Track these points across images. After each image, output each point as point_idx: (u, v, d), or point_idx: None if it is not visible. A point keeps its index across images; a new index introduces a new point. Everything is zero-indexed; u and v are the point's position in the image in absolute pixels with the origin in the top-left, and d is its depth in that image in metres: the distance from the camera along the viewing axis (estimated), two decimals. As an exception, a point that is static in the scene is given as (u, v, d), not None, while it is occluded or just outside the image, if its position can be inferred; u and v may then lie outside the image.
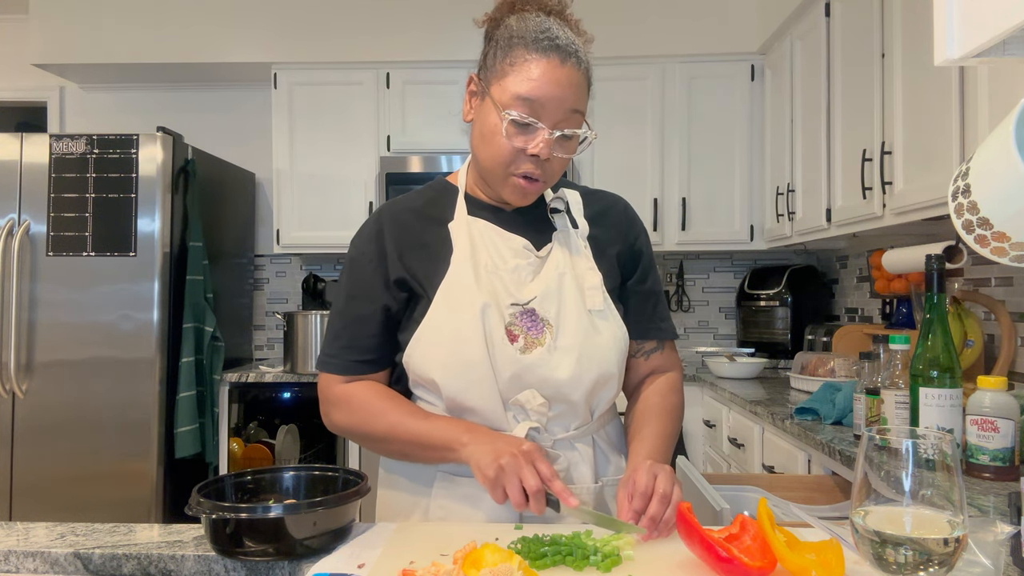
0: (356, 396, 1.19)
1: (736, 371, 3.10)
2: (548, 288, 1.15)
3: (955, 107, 1.85)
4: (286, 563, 0.94)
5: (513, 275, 1.16)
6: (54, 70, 3.76)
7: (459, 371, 1.12)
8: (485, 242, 1.18)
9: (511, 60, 1.11)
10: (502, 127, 1.10)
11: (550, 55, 1.09)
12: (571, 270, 1.18)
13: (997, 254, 0.84)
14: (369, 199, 3.58)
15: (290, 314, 3.36)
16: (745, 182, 3.53)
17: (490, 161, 1.14)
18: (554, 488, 1.00)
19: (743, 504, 1.50)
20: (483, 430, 1.10)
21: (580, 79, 1.11)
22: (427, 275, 1.17)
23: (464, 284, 1.14)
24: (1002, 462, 1.42)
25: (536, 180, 1.13)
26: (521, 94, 1.08)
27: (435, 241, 1.19)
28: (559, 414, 1.15)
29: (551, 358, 1.13)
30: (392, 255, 1.19)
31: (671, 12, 3.52)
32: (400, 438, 1.14)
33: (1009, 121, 0.79)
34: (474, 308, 1.12)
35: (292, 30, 3.59)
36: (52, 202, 3.02)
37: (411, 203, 1.25)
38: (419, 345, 1.15)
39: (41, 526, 1.07)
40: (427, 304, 1.16)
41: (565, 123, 1.11)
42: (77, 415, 2.99)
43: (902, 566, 0.69)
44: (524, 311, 1.14)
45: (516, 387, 1.13)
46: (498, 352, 1.11)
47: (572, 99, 1.10)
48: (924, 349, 1.47)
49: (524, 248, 1.18)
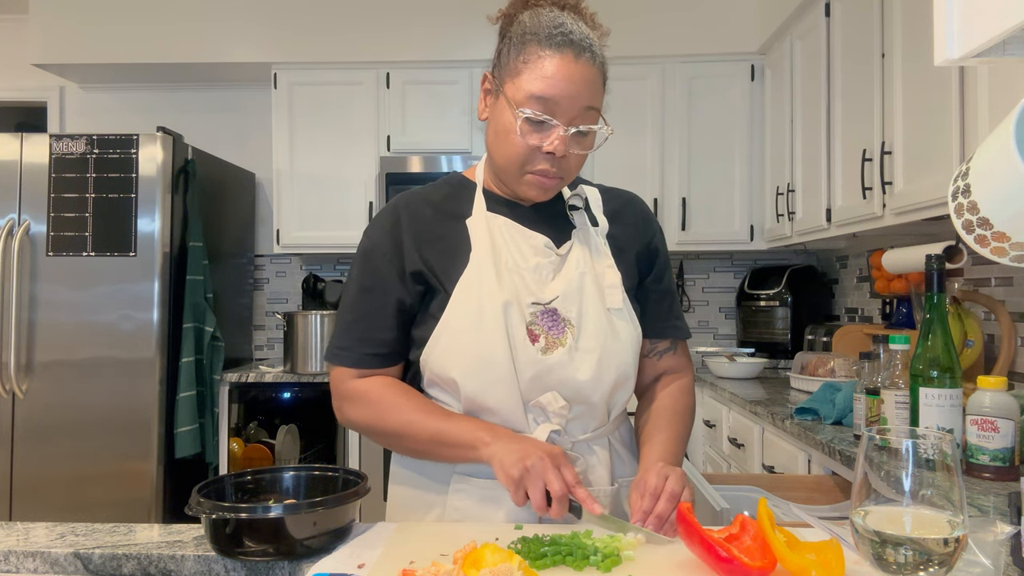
0: (371, 391, 1.16)
1: (736, 371, 3.10)
2: (569, 287, 1.14)
3: (955, 107, 1.85)
4: (286, 563, 0.94)
5: (534, 274, 1.14)
6: (54, 70, 3.76)
7: (480, 371, 1.10)
8: (505, 239, 1.16)
9: (524, 57, 1.09)
10: (516, 125, 1.09)
11: (564, 51, 1.07)
12: (591, 269, 1.16)
13: (997, 254, 0.84)
14: (369, 199, 3.58)
15: (290, 314, 3.36)
16: (745, 182, 3.53)
17: (505, 159, 1.13)
18: (578, 494, 0.99)
19: (743, 504, 1.50)
20: (505, 431, 1.09)
21: (595, 75, 1.10)
22: (444, 269, 1.15)
23: (485, 281, 1.12)
24: (1002, 462, 1.42)
25: (553, 177, 1.12)
26: (535, 92, 1.07)
27: (453, 236, 1.17)
28: (578, 416, 1.14)
29: (572, 359, 1.12)
30: (409, 247, 1.16)
31: (671, 12, 3.52)
32: (417, 435, 1.12)
33: (1009, 121, 0.79)
34: (495, 306, 1.10)
35: (292, 30, 3.59)
36: (52, 202, 3.02)
37: (428, 196, 1.22)
38: (439, 343, 1.13)
39: (41, 526, 1.07)
40: (444, 299, 1.14)
41: (580, 119, 1.09)
42: (77, 415, 2.99)
43: (902, 566, 0.69)
44: (545, 311, 1.13)
45: (536, 388, 1.11)
46: (519, 352, 1.10)
47: (587, 95, 1.09)
48: (924, 349, 1.47)
49: (545, 246, 1.16)
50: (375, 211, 3.55)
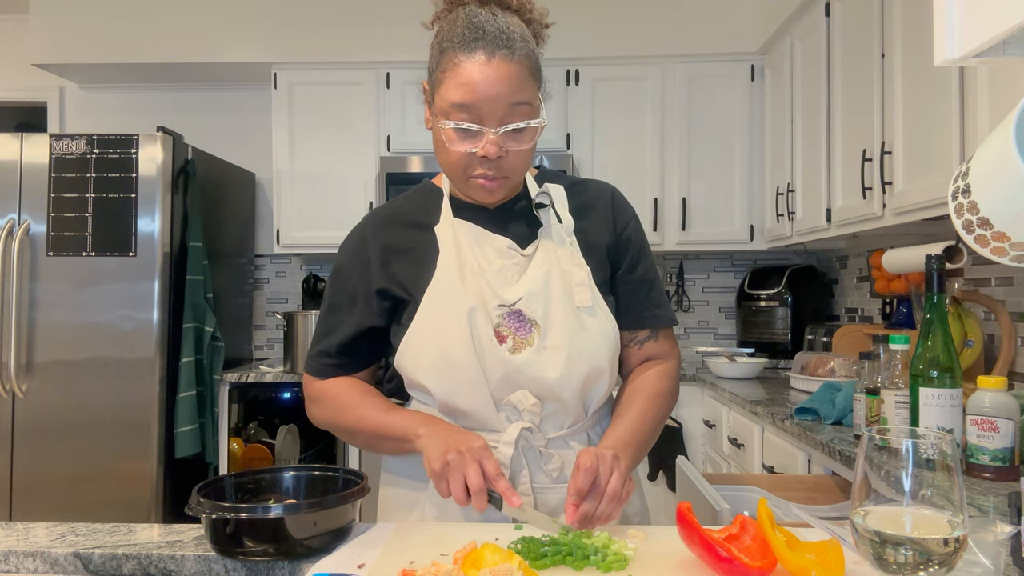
0: (329, 391, 1.23)
1: (736, 371, 3.10)
2: (534, 288, 1.14)
3: (955, 107, 1.85)
4: (286, 563, 0.94)
5: (498, 276, 1.15)
6: (54, 70, 3.76)
7: (448, 374, 1.13)
8: (470, 243, 1.18)
9: (443, 66, 1.08)
10: (444, 136, 1.09)
11: (475, 54, 1.05)
12: (557, 267, 1.16)
13: (997, 254, 0.84)
14: (369, 199, 3.58)
15: (290, 314, 3.36)
16: (745, 182, 3.53)
17: (447, 168, 1.15)
18: (498, 487, 0.99)
19: (743, 504, 1.50)
20: (440, 423, 1.12)
21: (514, 69, 1.06)
22: (413, 280, 1.17)
23: (450, 287, 1.13)
24: (1002, 462, 1.42)
25: (494, 179, 1.12)
26: (456, 101, 1.06)
27: (421, 246, 1.19)
28: (551, 413, 1.15)
29: (540, 358, 1.12)
30: (375, 264, 1.20)
31: (671, 12, 3.52)
32: (364, 430, 1.18)
33: (1009, 121, 0.79)
34: (460, 311, 1.12)
35: (292, 30, 3.59)
36: (52, 202, 3.02)
37: (396, 209, 1.26)
38: (408, 349, 1.16)
39: (41, 526, 1.07)
40: (413, 308, 1.16)
41: (509, 118, 1.07)
42: (77, 415, 2.99)
43: (902, 566, 0.69)
44: (511, 312, 1.14)
45: (507, 388, 1.13)
46: (487, 354, 1.12)
47: (509, 93, 1.06)
48: (924, 349, 1.47)
49: (508, 248, 1.18)
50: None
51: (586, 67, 3.51)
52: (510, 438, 1.12)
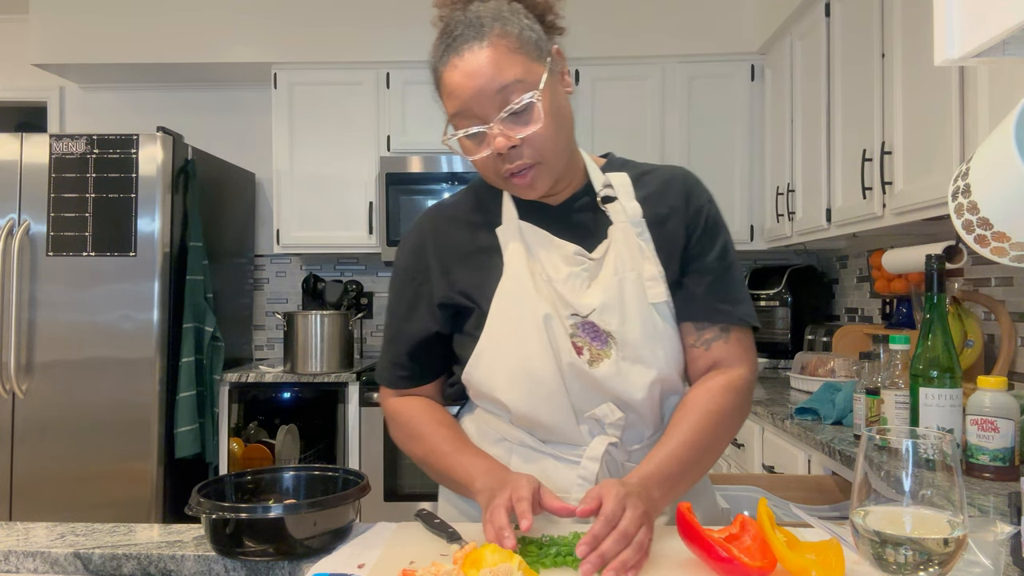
0: (403, 413, 1.19)
1: (736, 371, 3.10)
2: (607, 298, 1.07)
3: (955, 107, 1.85)
4: (286, 563, 0.94)
5: (566, 284, 1.08)
6: (54, 70, 3.76)
7: (528, 388, 1.07)
8: (536, 248, 1.11)
9: (436, 84, 1.08)
10: (461, 148, 1.08)
11: (451, 57, 1.03)
12: (629, 266, 1.09)
13: (997, 254, 0.84)
14: (369, 199, 3.58)
15: (290, 314, 3.36)
16: (745, 182, 3.53)
17: (483, 175, 1.12)
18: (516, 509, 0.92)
19: (743, 504, 1.50)
20: (496, 473, 1.03)
21: (488, 54, 1.01)
22: (478, 286, 1.11)
23: (522, 293, 1.07)
24: (1002, 462, 1.42)
25: (525, 169, 1.06)
26: (453, 112, 1.05)
27: (483, 248, 1.14)
28: (630, 424, 1.09)
29: (619, 370, 1.06)
30: (436, 271, 1.14)
31: (671, 12, 3.52)
32: (434, 466, 1.14)
33: (1009, 121, 0.79)
34: (536, 319, 1.05)
35: (292, 30, 3.59)
36: (52, 202, 3.02)
37: (455, 210, 1.20)
38: (480, 362, 1.10)
39: (41, 526, 1.07)
40: (481, 317, 1.10)
41: (503, 103, 1.02)
42: (77, 415, 2.99)
43: (902, 566, 0.69)
44: (584, 323, 1.07)
45: (586, 401, 1.07)
46: (566, 366, 1.05)
47: (491, 80, 1.01)
48: (924, 349, 1.47)
49: (575, 254, 1.10)
50: (375, 211, 3.56)
51: (586, 67, 3.51)
52: (595, 453, 1.07)
